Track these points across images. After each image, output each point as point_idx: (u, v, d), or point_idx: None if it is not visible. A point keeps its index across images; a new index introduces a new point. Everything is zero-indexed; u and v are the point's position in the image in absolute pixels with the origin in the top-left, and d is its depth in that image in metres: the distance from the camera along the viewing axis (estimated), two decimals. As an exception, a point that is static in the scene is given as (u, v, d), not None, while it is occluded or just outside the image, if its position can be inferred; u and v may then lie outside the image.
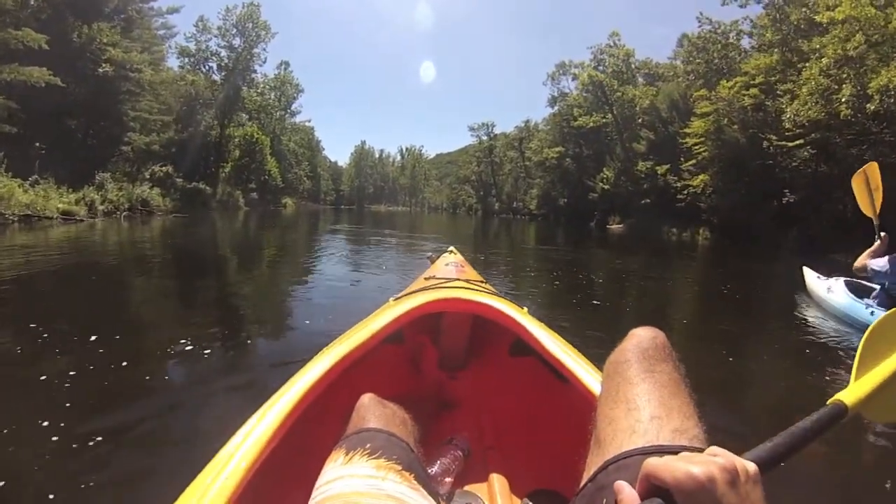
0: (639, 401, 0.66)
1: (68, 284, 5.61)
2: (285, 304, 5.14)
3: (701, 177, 22.21)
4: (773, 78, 20.90)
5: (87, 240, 10.53)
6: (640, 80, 37.49)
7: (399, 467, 0.76)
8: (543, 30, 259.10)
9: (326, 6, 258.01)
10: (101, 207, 17.90)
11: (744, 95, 20.88)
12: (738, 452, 0.52)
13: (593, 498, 0.60)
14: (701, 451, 0.52)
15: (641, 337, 0.77)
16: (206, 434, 1.81)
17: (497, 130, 70.70)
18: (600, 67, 37.40)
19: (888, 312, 0.97)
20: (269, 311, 4.82)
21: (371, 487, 0.71)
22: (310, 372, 1.09)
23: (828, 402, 0.75)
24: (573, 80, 43.43)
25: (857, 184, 4.24)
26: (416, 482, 0.76)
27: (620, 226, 30.17)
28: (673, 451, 0.54)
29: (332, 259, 8.95)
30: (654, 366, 0.71)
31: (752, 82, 21.04)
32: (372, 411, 0.90)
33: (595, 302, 6.11)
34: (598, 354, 1.01)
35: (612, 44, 37.56)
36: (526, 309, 1.62)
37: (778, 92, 20.39)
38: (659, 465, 0.47)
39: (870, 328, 0.94)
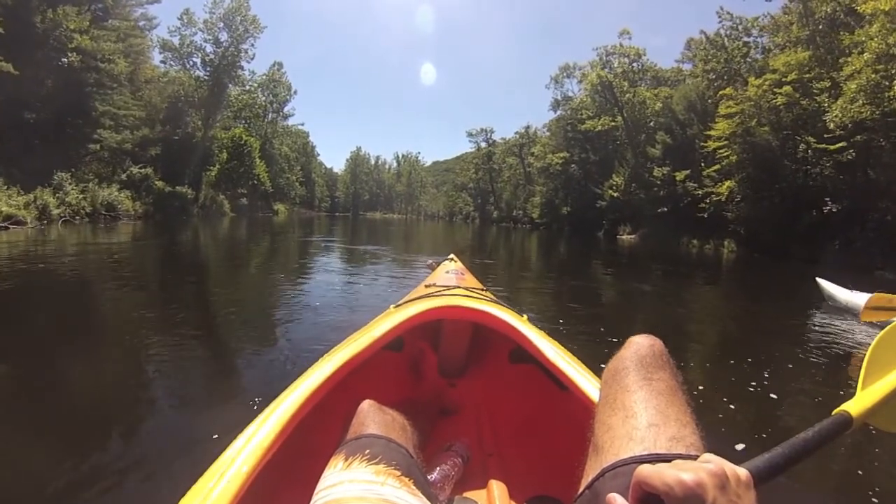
0: (636, 408, 0.66)
1: None
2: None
3: (727, 183, 20.27)
4: (807, 75, 19.11)
5: None
6: (643, 85, 35.62)
7: (398, 473, 0.75)
8: (543, 37, 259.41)
9: (323, 9, 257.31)
10: (56, 212, 15.78)
11: (776, 94, 19.00)
12: (739, 463, 0.52)
13: None
14: (696, 458, 0.53)
15: (639, 345, 0.76)
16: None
17: (496, 136, 69.37)
18: (607, 69, 35.48)
19: (893, 324, 0.97)
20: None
21: (370, 493, 0.70)
22: (310, 378, 1.07)
23: (833, 413, 0.75)
24: (578, 82, 41.68)
25: None
26: (415, 487, 0.75)
27: (632, 236, 28.20)
28: (668, 458, 0.54)
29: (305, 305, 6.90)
30: (652, 374, 0.71)
31: (783, 80, 19.20)
32: (371, 417, 0.88)
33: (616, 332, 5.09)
34: (597, 362, 0.98)
35: (619, 44, 35.70)
36: (526, 317, 1.56)
37: (814, 90, 18.65)
38: (650, 473, 0.48)
39: (876, 339, 0.93)
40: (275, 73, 48.80)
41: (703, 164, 22.80)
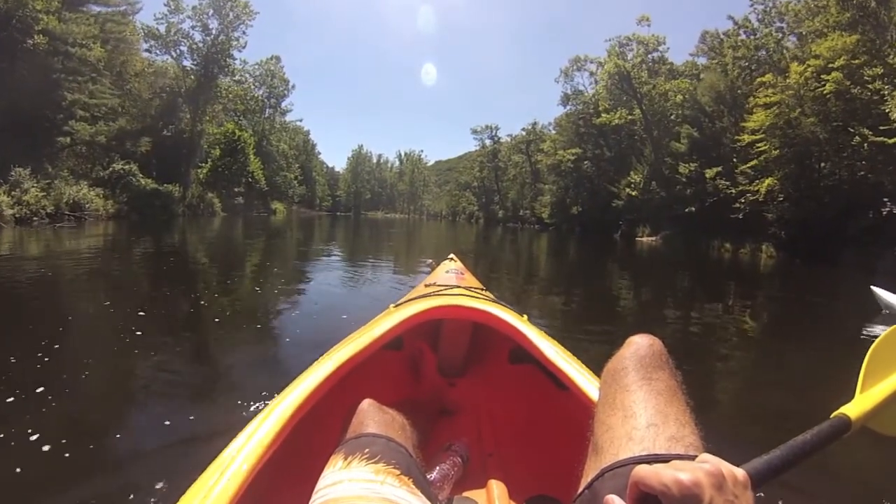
0: (636, 408, 0.67)
1: None
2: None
3: (767, 181, 18.21)
4: (855, 61, 17.09)
5: None
6: (662, 77, 33.31)
7: (398, 472, 0.75)
8: (545, 37, 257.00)
9: (325, 10, 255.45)
10: (10, 212, 13.85)
11: (823, 81, 16.98)
12: (737, 463, 0.53)
13: None
14: (694, 458, 0.53)
15: (639, 345, 0.76)
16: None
17: (501, 133, 67.44)
18: (622, 59, 33.16)
19: (893, 327, 0.96)
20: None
21: (369, 491, 0.70)
22: (310, 377, 1.07)
23: (831, 416, 0.75)
24: (590, 75, 39.52)
25: None
26: (414, 487, 0.75)
27: (653, 238, 26.13)
28: (666, 459, 0.55)
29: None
30: (651, 373, 0.71)
31: (830, 66, 17.18)
32: (371, 416, 0.88)
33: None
34: (597, 362, 0.96)
35: (634, 33, 33.34)
36: (526, 316, 1.54)
37: (865, 77, 16.65)
38: (647, 473, 0.49)
39: (876, 342, 0.93)
40: (271, 65, 46.85)
41: (735, 160, 20.74)
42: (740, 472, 0.49)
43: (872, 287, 6.49)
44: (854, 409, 0.76)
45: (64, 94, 18.58)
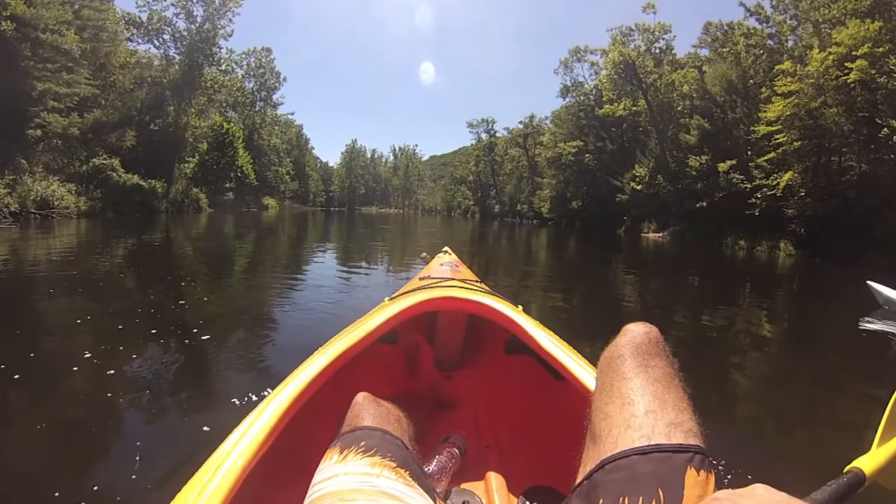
0: (633, 395, 0.66)
1: None
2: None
3: (787, 175, 17.18)
4: (879, 49, 16.11)
5: None
6: (667, 66, 32.12)
7: (394, 464, 0.75)
8: (542, 35, 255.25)
9: (322, 8, 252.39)
10: (-32, 211, 12.64)
11: (846, 69, 15.99)
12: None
13: (589, 495, 0.61)
14: (693, 447, 0.55)
15: (635, 332, 0.76)
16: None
17: (497, 126, 66.47)
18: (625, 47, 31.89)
19: None
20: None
21: (365, 485, 0.70)
22: (305, 371, 1.06)
23: (844, 470, 0.73)
24: (590, 66, 38.34)
25: None
26: (411, 479, 0.74)
27: (660, 235, 25.10)
28: (666, 450, 0.56)
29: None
30: (648, 360, 0.71)
31: (855, 54, 16.19)
32: (367, 410, 0.87)
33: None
34: (593, 352, 0.96)
35: (634, 25, 32.10)
36: (521, 307, 1.52)
37: (890, 66, 15.67)
38: None
39: None
40: (262, 56, 45.42)
41: (749, 153, 19.69)
42: None
43: (869, 282, 6.29)
44: (869, 462, 0.73)
45: (34, 84, 17.23)
